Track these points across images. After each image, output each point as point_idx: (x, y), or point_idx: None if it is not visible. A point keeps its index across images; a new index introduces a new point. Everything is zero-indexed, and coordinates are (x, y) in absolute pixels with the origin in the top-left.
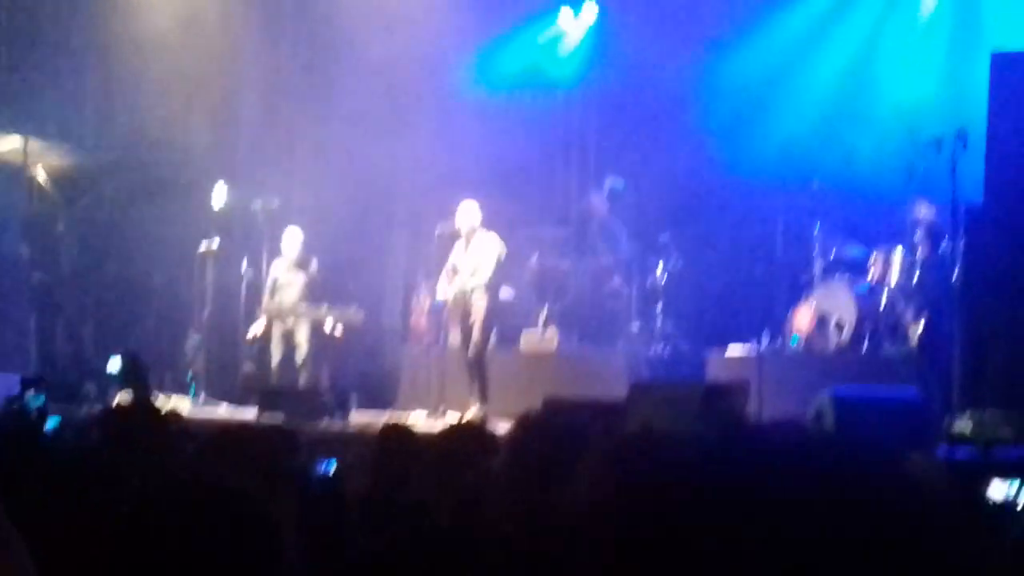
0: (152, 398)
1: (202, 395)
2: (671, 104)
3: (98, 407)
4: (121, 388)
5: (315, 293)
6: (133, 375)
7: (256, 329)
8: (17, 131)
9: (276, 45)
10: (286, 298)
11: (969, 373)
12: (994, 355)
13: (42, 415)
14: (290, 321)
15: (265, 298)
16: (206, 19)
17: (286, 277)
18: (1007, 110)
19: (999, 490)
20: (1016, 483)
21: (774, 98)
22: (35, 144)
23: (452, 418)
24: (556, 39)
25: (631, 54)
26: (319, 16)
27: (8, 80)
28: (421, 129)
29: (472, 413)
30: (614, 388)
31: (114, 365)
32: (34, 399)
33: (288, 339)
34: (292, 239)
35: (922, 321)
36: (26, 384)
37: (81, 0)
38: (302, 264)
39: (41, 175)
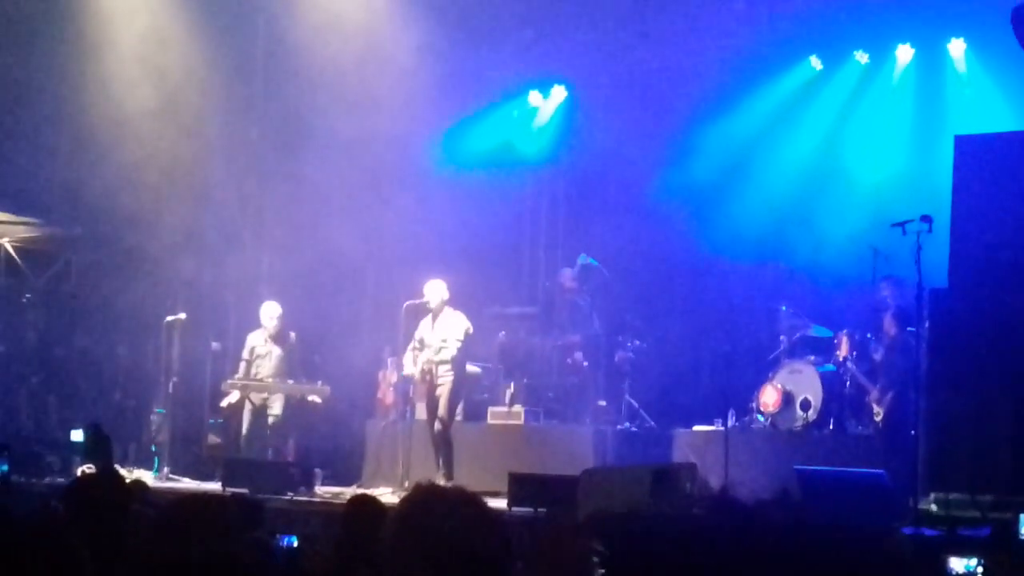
0: (116, 469)
1: (165, 468)
2: (638, 182)
3: (60, 479)
4: (84, 460)
5: (292, 367)
6: (96, 446)
7: (231, 399)
8: None
9: (247, 122)
10: (262, 371)
11: (934, 454)
12: (958, 437)
13: (4, 482)
14: (263, 395)
15: (241, 368)
16: (178, 96)
17: (263, 349)
18: (970, 192)
19: (961, 566)
20: (975, 560)
21: (740, 179)
22: (2, 216)
23: None
24: (525, 118)
25: (599, 133)
26: (289, 95)
27: None
28: (390, 206)
29: None
30: (581, 464)
31: (77, 435)
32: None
33: (261, 412)
34: (271, 312)
35: (886, 401)
36: None
37: (52, 75)
38: (280, 337)
39: (8, 247)
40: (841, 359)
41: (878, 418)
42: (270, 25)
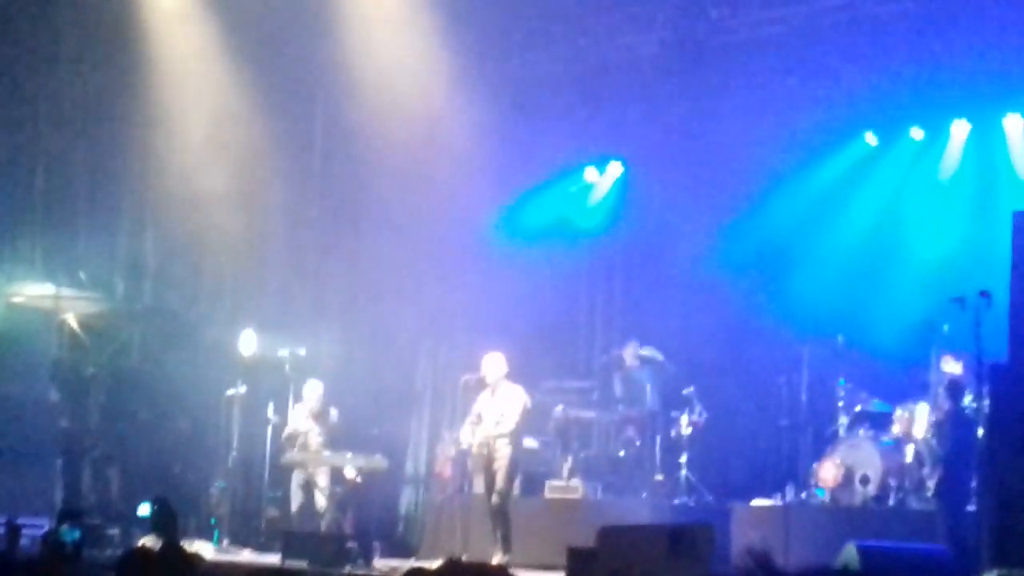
0: (178, 543)
1: (225, 541)
2: (695, 257)
3: (120, 551)
4: (150, 532)
5: (336, 441)
6: (163, 520)
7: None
8: (50, 279)
9: (306, 200)
10: (307, 446)
11: (996, 530)
12: (1019, 514)
13: (77, 549)
14: (310, 469)
15: (286, 446)
16: (239, 173)
17: (305, 425)
18: None
19: None
20: None
21: (798, 254)
22: (66, 291)
23: None
24: (582, 193)
25: (655, 208)
26: (348, 173)
27: (44, 231)
28: (448, 281)
29: (496, 561)
30: None
31: (144, 510)
32: (69, 532)
33: (308, 487)
34: (312, 390)
35: (940, 476)
36: (62, 517)
37: (117, 152)
38: (321, 414)
39: (72, 322)
40: (900, 434)
41: (930, 492)
42: (328, 105)
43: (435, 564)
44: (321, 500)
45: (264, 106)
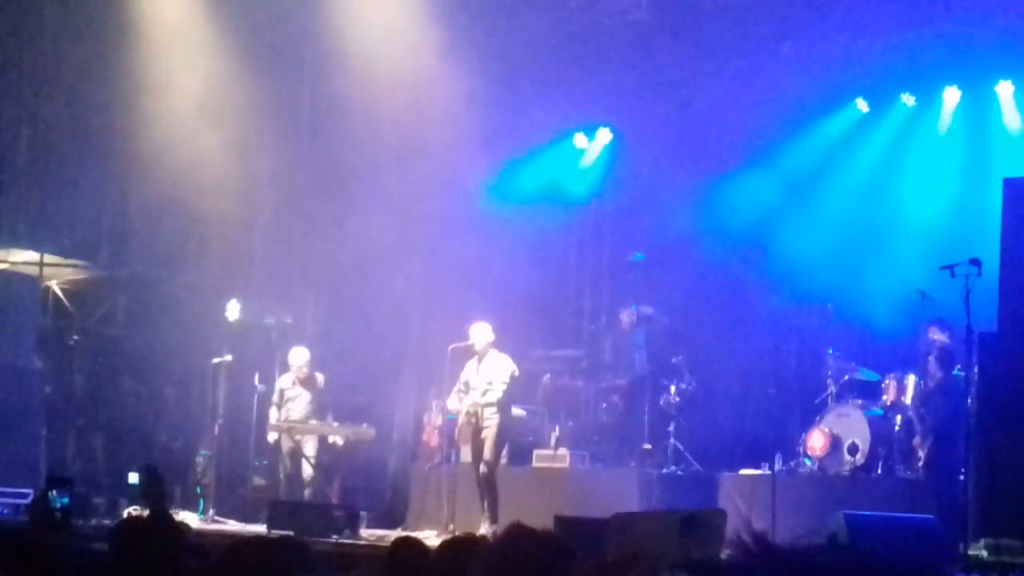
0: (167, 511)
1: (211, 510)
2: (684, 225)
3: (106, 521)
4: (139, 501)
5: (322, 409)
6: (151, 488)
7: (271, 436)
8: (33, 246)
9: (293, 167)
10: (292, 414)
11: (984, 499)
12: (1008, 482)
13: (66, 516)
14: (297, 436)
15: (271, 413)
16: (222, 140)
17: (292, 392)
18: (1019, 234)
19: None
20: None
21: (786, 221)
22: (51, 259)
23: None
24: (571, 158)
25: (645, 176)
26: (336, 139)
27: (27, 197)
28: (435, 249)
29: (483, 531)
30: (626, 507)
31: (134, 478)
32: (58, 499)
33: (295, 454)
34: (298, 356)
35: (928, 445)
36: (51, 483)
37: (101, 117)
38: (308, 380)
39: (56, 289)
40: (889, 403)
41: (921, 462)
42: (316, 72)
43: (422, 534)
44: (308, 469)
45: (251, 73)
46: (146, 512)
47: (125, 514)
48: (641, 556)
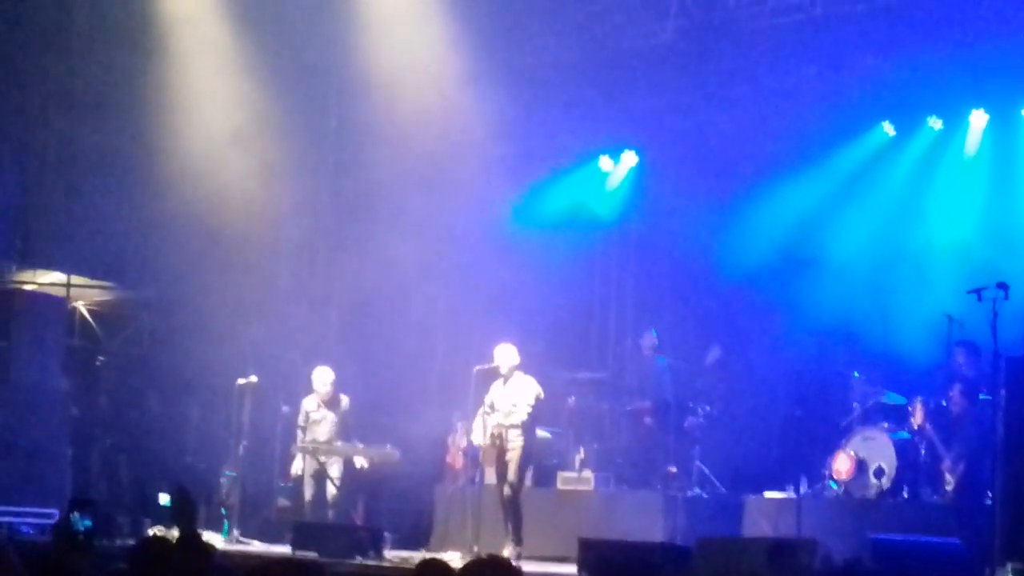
0: (196, 533)
1: (235, 531)
2: (710, 247)
3: (130, 541)
4: (169, 522)
5: (347, 431)
6: (183, 510)
7: (296, 467)
8: (60, 267)
9: (319, 190)
10: (317, 436)
11: (1011, 524)
12: None
13: (89, 538)
14: (322, 458)
15: (297, 435)
16: (249, 163)
17: (317, 415)
18: None
19: None
20: None
21: (813, 244)
22: (78, 280)
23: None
24: (597, 181)
25: (669, 198)
26: (362, 163)
27: (55, 218)
28: (460, 270)
29: (507, 553)
30: (650, 530)
31: (165, 499)
32: (80, 521)
33: (320, 476)
34: (322, 377)
35: (959, 471)
36: (74, 505)
37: (128, 140)
38: (333, 402)
39: (83, 310)
40: (916, 426)
41: (949, 487)
42: (343, 95)
43: (446, 555)
44: (332, 490)
45: (278, 97)
46: (171, 532)
47: (148, 534)
48: None
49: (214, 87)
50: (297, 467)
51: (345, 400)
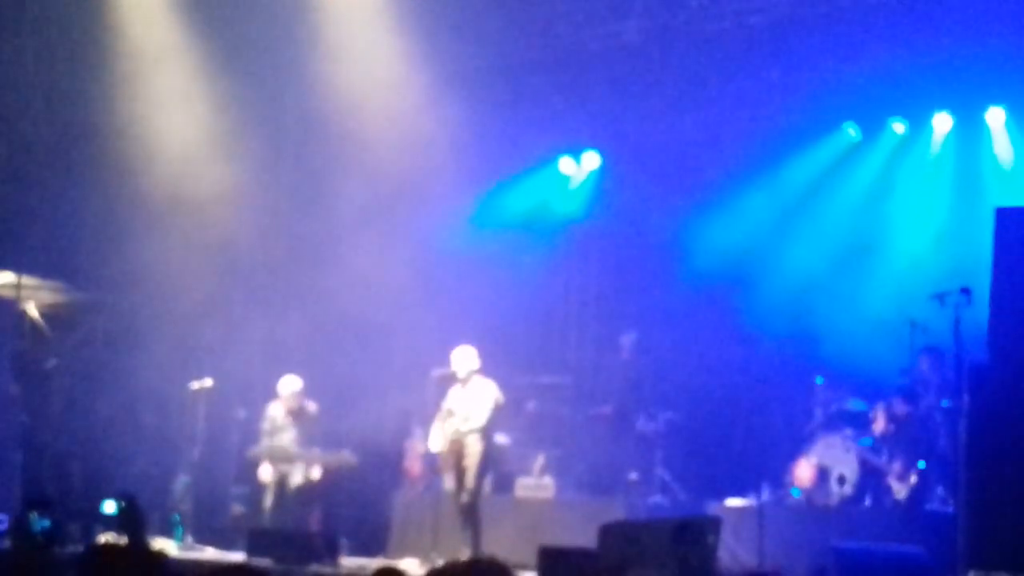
0: (146, 541)
1: (189, 537)
2: (672, 251)
3: (81, 548)
4: (115, 530)
5: (312, 437)
6: (130, 518)
7: (264, 474)
8: (11, 267)
9: (275, 190)
10: (282, 443)
11: (975, 531)
12: (999, 515)
13: (48, 538)
14: (284, 465)
15: (262, 440)
16: (203, 163)
17: (282, 421)
18: (1011, 264)
19: None
20: None
21: (775, 248)
22: (28, 280)
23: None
24: (557, 183)
25: (631, 201)
26: (320, 163)
27: (5, 217)
28: (420, 273)
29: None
30: None
31: (110, 507)
32: (38, 521)
33: (281, 482)
34: (290, 385)
35: (913, 477)
36: (30, 505)
37: (78, 143)
38: (299, 411)
39: (33, 312)
40: (878, 433)
41: (900, 495)
42: (301, 95)
43: (403, 562)
44: (291, 496)
45: (234, 97)
46: (122, 539)
47: (98, 541)
48: (633, 566)
49: (168, 87)
50: (265, 474)
51: (313, 407)
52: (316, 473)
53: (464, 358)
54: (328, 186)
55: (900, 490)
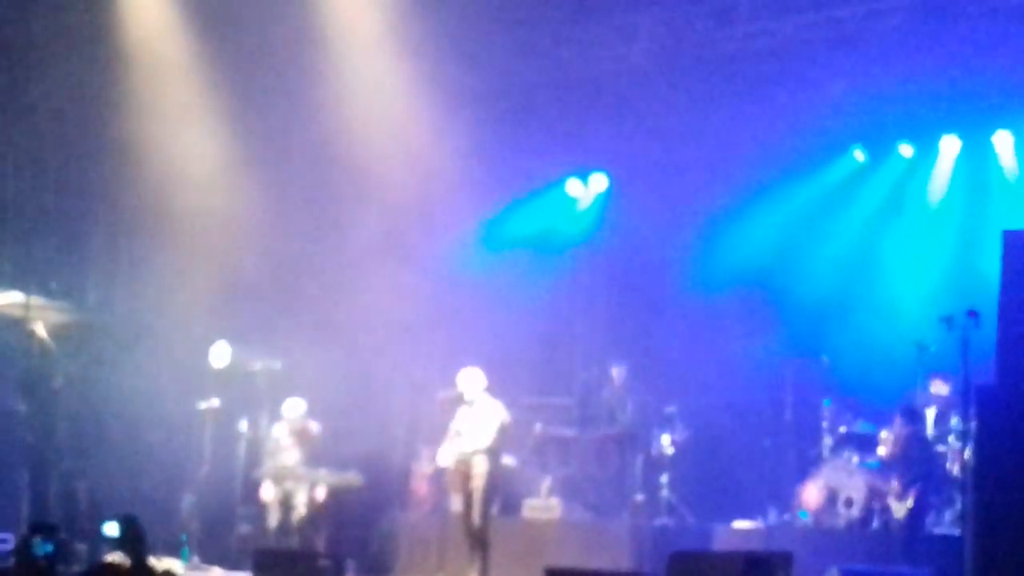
0: (147, 564)
1: (195, 557)
2: (680, 273)
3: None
4: (118, 550)
5: (316, 458)
6: (131, 539)
7: (265, 494)
8: (20, 287)
9: (282, 214)
10: (286, 461)
11: (982, 554)
12: (1006, 538)
13: (50, 563)
14: (289, 484)
15: (266, 461)
16: (211, 184)
17: (287, 442)
18: (1018, 287)
19: None
20: None
21: (783, 271)
22: (36, 300)
23: None
24: (566, 204)
25: (639, 223)
26: (326, 185)
27: (14, 238)
28: (427, 295)
29: None
30: (618, 559)
31: (112, 529)
32: (41, 546)
33: (286, 502)
34: (294, 407)
35: (913, 494)
36: (34, 529)
37: (87, 165)
38: (303, 433)
39: (41, 331)
40: (886, 455)
41: (899, 515)
42: (308, 117)
43: None
44: (296, 517)
45: (242, 118)
46: (127, 560)
47: (101, 561)
48: None
49: (177, 108)
50: (267, 493)
51: (315, 427)
52: (321, 494)
53: (470, 380)
54: (336, 209)
55: (899, 509)
